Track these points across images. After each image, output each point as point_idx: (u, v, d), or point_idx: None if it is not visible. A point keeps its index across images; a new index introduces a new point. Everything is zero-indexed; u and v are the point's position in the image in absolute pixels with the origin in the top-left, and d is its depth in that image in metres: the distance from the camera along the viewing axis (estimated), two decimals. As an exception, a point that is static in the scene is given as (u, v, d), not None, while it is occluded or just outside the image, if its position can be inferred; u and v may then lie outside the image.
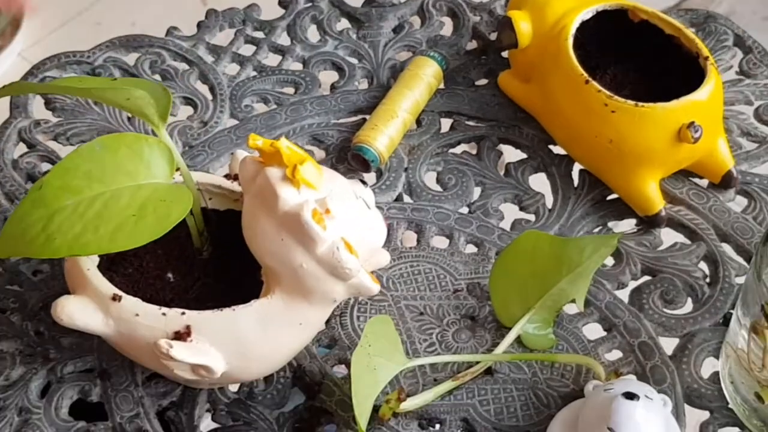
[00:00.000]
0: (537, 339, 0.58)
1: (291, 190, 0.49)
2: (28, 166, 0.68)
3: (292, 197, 0.49)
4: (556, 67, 0.65)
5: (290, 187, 0.49)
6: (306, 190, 0.50)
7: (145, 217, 0.48)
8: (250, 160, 0.51)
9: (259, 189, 0.50)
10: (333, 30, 0.78)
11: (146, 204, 0.49)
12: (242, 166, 0.52)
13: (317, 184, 0.50)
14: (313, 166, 0.50)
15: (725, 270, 0.61)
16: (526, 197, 0.66)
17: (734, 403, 0.55)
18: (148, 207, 0.49)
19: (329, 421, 0.56)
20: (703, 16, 0.77)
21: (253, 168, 0.51)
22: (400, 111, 0.68)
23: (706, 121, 0.61)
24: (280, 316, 0.51)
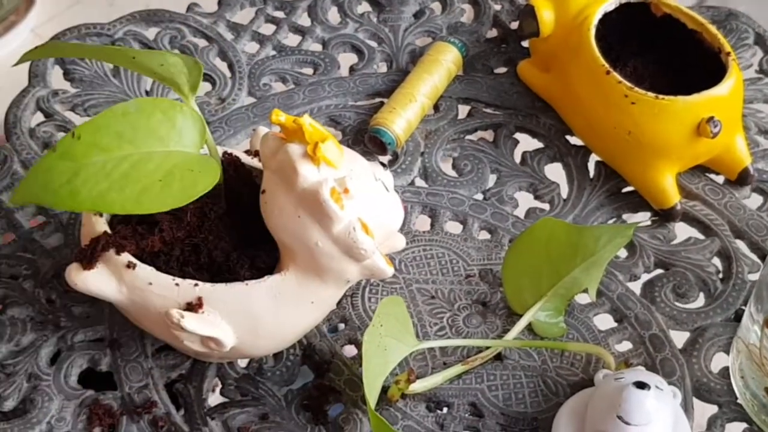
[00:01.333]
0: (548, 327, 0.58)
1: (311, 168, 0.49)
2: (45, 135, 0.68)
3: (312, 174, 0.49)
4: (577, 57, 0.65)
5: (310, 165, 0.49)
6: (326, 168, 0.50)
7: (172, 183, 0.48)
8: (272, 135, 0.51)
9: (279, 165, 0.50)
10: (354, 13, 0.78)
11: (174, 171, 0.49)
12: (263, 142, 0.52)
13: (338, 163, 0.50)
14: (335, 145, 0.50)
15: (738, 266, 0.61)
16: (541, 186, 0.66)
17: (743, 398, 0.55)
18: (175, 174, 0.49)
19: (337, 399, 0.56)
20: (725, 13, 0.77)
21: (275, 144, 0.51)
22: (418, 95, 0.68)
23: (726, 116, 0.61)
24: (293, 294, 0.51)
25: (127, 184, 0.48)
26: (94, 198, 0.47)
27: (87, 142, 0.48)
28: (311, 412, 0.55)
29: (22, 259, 0.61)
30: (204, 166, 0.50)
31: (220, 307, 0.51)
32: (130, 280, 0.51)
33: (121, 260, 0.51)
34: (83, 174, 0.48)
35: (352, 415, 0.55)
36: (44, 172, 0.48)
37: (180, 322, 0.49)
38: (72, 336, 0.58)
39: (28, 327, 0.58)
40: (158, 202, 0.48)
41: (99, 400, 0.55)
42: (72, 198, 0.47)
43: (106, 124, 0.49)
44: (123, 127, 0.49)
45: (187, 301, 0.50)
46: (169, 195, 0.48)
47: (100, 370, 0.57)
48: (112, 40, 0.74)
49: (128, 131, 0.49)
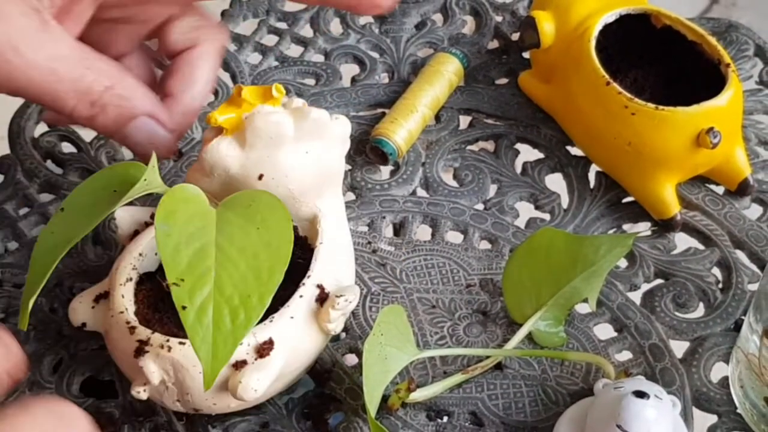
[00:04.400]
0: (548, 336, 0.58)
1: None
2: (48, 144, 0.69)
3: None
4: (578, 68, 0.65)
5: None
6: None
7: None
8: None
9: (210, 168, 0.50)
10: (356, 24, 0.78)
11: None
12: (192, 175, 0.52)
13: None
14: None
15: (738, 276, 0.62)
16: (541, 196, 0.67)
17: (743, 407, 0.55)
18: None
19: (338, 408, 0.56)
20: (725, 25, 0.78)
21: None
22: (420, 106, 0.69)
23: (726, 127, 0.61)
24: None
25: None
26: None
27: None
28: (312, 421, 0.55)
29: (26, 268, 0.62)
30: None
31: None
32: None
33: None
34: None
35: (352, 424, 0.55)
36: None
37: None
38: (74, 345, 0.58)
39: (31, 336, 0.58)
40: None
41: (101, 408, 0.56)
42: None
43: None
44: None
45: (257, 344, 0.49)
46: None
47: (102, 378, 0.57)
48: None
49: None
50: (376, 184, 0.67)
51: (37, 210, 0.65)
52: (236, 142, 0.49)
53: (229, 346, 0.43)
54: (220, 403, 0.51)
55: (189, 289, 0.43)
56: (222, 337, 0.43)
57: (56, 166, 0.68)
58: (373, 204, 0.66)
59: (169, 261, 0.43)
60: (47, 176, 0.67)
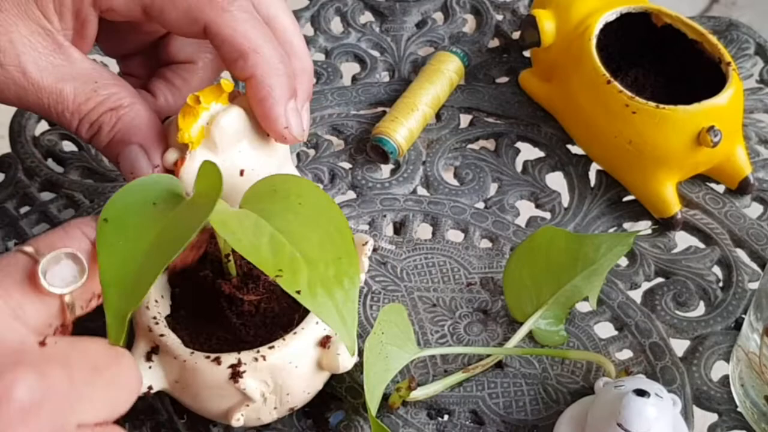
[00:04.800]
0: (548, 335, 0.58)
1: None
2: (49, 143, 0.69)
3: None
4: (579, 66, 0.65)
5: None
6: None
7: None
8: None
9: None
10: (356, 22, 0.78)
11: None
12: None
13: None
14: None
15: (739, 275, 0.62)
16: (542, 195, 0.67)
17: (743, 406, 0.55)
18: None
19: (338, 407, 0.56)
20: (726, 23, 0.78)
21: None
22: (420, 104, 0.69)
23: (726, 126, 0.61)
24: None
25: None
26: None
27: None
28: (312, 420, 0.55)
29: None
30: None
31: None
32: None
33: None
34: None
35: (353, 423, 0.55)
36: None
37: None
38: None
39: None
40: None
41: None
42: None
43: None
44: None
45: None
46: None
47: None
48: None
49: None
50: (377, 183, 0.67)
51: (37, 208, 0.65)
52: (207, 150, 0.49)
53: (351, 309, 0.44)
54: (312, 389, 0.52)
55: (291, 277, 0.44)
56: (342, 304, 0.44)
57: (57, 165, 0.68)
58: (374, 202, 0.66)
59: (259, 260, 0.44)
60: (48, 175, 0.67)
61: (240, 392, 0.49)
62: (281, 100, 0.49)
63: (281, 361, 0.49)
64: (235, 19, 0.48)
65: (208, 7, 0.48)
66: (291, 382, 0.50)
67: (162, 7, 0.49)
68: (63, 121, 0.49)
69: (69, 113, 0.49)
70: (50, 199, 0.66)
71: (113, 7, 0.49)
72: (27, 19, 0.48)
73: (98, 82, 0.49)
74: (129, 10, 0.49)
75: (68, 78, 0.49)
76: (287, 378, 0.50)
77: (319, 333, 0.50)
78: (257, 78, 0.48)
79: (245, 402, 0.49)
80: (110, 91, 0.49)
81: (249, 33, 0.48)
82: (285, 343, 0.49)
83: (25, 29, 0.48)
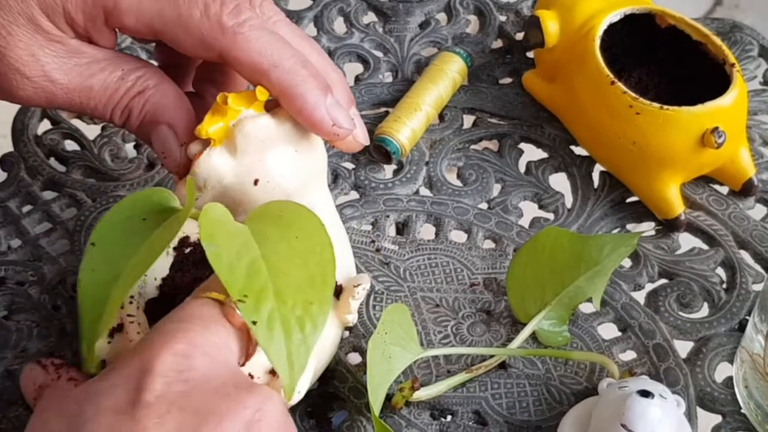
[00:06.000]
0: (552, 336, 0.58)
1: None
2: (52, 142, 0.68)
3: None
4: (582, 67, 0.65)
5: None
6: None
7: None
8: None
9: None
10: (360, 23, 0.78)
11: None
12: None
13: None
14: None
15: (742, 276, 0.62)
16: (545, 196, 0.66)
17: (747, 408, 0.55)
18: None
19: (341, 407, 0.56)
20: (729, 25, 0.77)
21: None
22: (423, 105, 0.69)
23: (730, 127, 0.61)
24: None
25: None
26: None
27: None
28: (315, 420, 0.55)
29: (29, 265, 0.62)
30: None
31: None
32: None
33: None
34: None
35: (356, 423, 0.55)
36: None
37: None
38: (77, 342, 0.58)
39: (34, 333, 0.58)
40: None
41: (104, 406, 0.55)
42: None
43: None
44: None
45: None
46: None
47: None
48: (119, 48, 0.75)
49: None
50: (380, 183, 0.67)
51: (40, 207, 0.65)
52: (227, 151, 0.49)
53: (302, 355, 0.44)
54: None
55: (254, 305, 0.43)
56: (295, 347, 0.43)
57: (59, 164, 0.68)
58: (377, 203, 0.66)
59: (228, 279, 0.43)
60: (50, 174, 0.67)
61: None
62: (318, 102, 0.48)
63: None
64: (248, 40, 0.48)
65: (219, 34, 0.48)
66: None
67: (175, 34, 0.49)
68: (96, 113, 0.50)
69: (102, 106, 0.50)
70: (52, 198, 0.66)
71: (124, 26, 0.49)
72: (42, 32, 0.48)
73: (123, 69, 0.50)
74: (139, 31, 0.49)
75: (95, 73, 0.50)
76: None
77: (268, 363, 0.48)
78: (286, 91, 0.48)
79: None
80: (136, 75, 0.50)
81: (264, 50, 0.48)
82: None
83: (44, 40, 0.48)
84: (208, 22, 0.48)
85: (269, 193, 0.50)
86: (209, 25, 0.48)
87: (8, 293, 0.60)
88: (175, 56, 0.52)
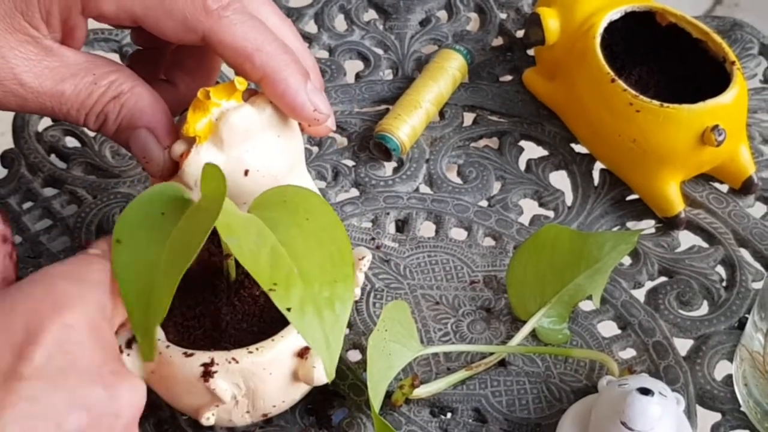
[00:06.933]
0: (552, 333, 0.58)
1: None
2: (53, 139, 0.68)
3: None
4: (583, 65, 0.65)
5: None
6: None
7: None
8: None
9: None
10: (360, 20, 0.78)
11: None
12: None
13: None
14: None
15: (742, 274, 0.62)
16: (546, 194, 0.66)
17: (747, 405, 0.55)
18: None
19: (341, 404, 0.56)
20: (730, 23, 0.77)
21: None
22: (423, 102, 0.69)
23: (730, 125, 0.61)
24: None
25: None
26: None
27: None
28: (315, 417, 0.55)
29: (29, 262, 0.62)
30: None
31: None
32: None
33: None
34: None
35: (355, 420, 0.55)
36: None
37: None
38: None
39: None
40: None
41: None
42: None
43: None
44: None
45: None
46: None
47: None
48: (119, 46, 0.75)
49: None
50: (381, 181, 0.67)
51: (40, 204, 0.65)
52: (214, 146, 0.49)
53: (337, 335, 0.45)
54: (288, 398, 0.52)
55: (284, 293, 0.44)
56: (329, 327, 0.44)
57: (60, 161, 0.68)
58: (377, 200, 0.66)
59: (255, 270, 0.44)
60: (51, 170, 0.67)
61: (210, 392, 0.48)
62: (300, 87, 0.49)
63: (255, 367, 0.49)
64: (233, 23, 0.48)
65: (204, 17, 0.48)
66: (264, 389, 0.50)
67: (157, 18, 0.48)
68: (69, 118, 0.50)
69: (75, 111, 0.49)
70: (53, 195, 0.66)
71: (103, 14, 0.49)
72: (14, 31, 0.48)
73: (96, 74, 0.49)
74: (118, 18, 0.49)
75: (66, 77, 0.49)
76: (260, 384, 0.49)
77: (298, 343, 0.50)
78: (269, 76, 0.48)
79: (215, 402, 0.49)
80: (109, 80, 0.49)
81: (248, 34, 0.48)
82: (261, 349, 0.49)
83: (14, 41, 0.48)
84: (192, 5, 0.48)
85: (260, 182, 0.50)
86: (193, 8, 0.48)
87: (8, 290, 0.60)
88: (153, 39, 0.52)
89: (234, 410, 0.50)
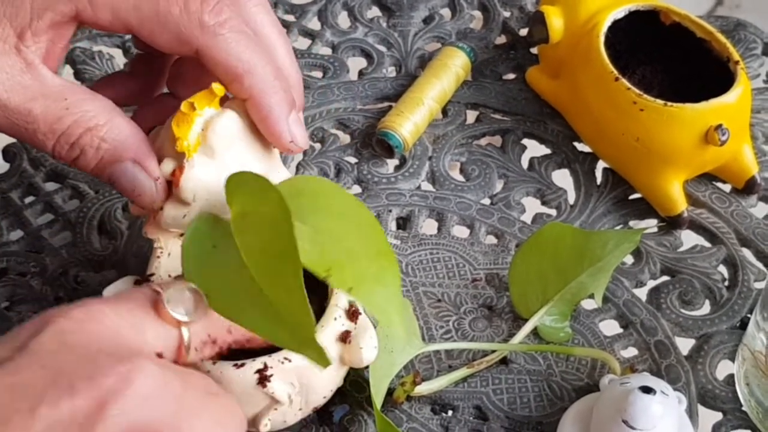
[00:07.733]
0: (553, 331, 0.58)
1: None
2: (55, 134, 0.68)
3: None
4: (586, 63, 0.65)
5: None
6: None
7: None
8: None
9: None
10: (364, 17, 0.78)
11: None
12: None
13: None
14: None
15: (744, 274, 0.62)
16: (548, 192, 0.66)
17: (748, 405, 0.55)
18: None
19: (342, 401, 0.56)
20: (733, 23, 0.77)
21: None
22: (426, 99, 0.69)
23: (734, 124, 0.61)
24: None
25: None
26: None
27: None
28: (316, 414, 0.55)
29: (30, 256, 0.62)
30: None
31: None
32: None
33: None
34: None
35: (357, 417, 0.55)
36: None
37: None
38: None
39: (36, 324, 0.58)
40: None
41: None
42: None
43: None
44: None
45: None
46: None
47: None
48: (122, 41, 0.75)
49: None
50: (383, 178, 0.67)
51: (42, 199, 0.65)
52: (205, 157, 0.48)
53: (396, 305, 0.46)
54: (334, 386, 0.52)
55: (340, 275, 0.44)
56: (388, 298, 0.45)
57: (62, 156, 0.68)
58: (380, 197, 0.66)
59: (308, 261, 0.43)
60: (53, 165, 0.67)
61: (268, 396, 0.48)
62: (282, 116, 0.49)
63: (307, 362, 0.49)
64: (227, 42, 0.47)
65: (199, 31, 0.47)
66: (316, 381, 0.50)
67: (152, 30, 0.48)
68: (36, 142, 0.47)
69: (42, 134, 0.47)
70: (55, 189, 0.66)
71: (98, 23, 0.48)
72: None
73: (69, 99, 0.47)
74: (114, 27, 0.48)
75: (37, 97, 0.46)
76: (312, 377, 0.49)
77: (338, 328, 0.50)
78: (255, 98, 0.48)
79: (273, 406, 0.49)
80: (83, 109, 0.47)
81: (242, 55, 0.48)
82: None
83: None
84: (187, 19, 0.47)
85: None
86: (188, 23, 0.47)
87: (10, 284, 0.60)
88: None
89: (288, 410, 0.50)
